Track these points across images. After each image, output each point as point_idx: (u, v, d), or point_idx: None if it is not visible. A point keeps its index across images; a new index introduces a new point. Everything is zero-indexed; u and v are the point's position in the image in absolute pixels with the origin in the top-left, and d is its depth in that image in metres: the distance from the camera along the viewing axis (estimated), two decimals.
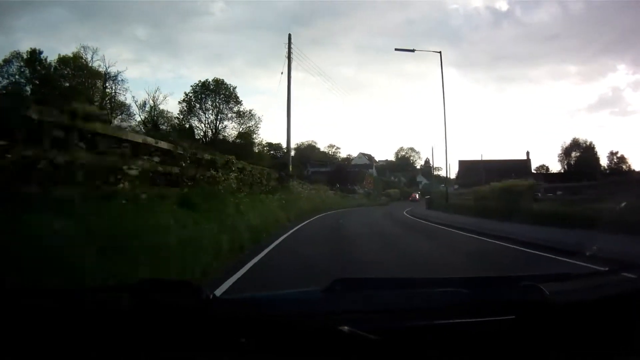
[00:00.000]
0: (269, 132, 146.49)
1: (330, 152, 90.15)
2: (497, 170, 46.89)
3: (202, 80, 50.81)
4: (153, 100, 47.88)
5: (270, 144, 66.14)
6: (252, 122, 50.66)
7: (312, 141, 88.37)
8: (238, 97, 50.67)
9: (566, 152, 67.37)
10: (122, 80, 44.67)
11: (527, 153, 66.46)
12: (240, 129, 50.39)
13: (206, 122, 49.89)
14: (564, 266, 6.36)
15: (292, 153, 33.69)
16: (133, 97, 68.06)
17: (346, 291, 1.45)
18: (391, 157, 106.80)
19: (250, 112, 50.80)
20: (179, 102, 50.31)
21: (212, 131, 49.86)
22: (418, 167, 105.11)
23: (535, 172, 60.70)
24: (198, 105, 50.02)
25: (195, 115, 50.12)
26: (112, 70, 43.66)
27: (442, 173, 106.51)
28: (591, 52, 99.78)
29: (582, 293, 1.48)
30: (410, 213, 26.79)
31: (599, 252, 6.12)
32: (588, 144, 66.43)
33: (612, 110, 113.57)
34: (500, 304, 1.34)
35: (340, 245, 9.89)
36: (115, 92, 44.84)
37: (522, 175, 48.67)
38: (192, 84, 51.81)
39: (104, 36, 73.42)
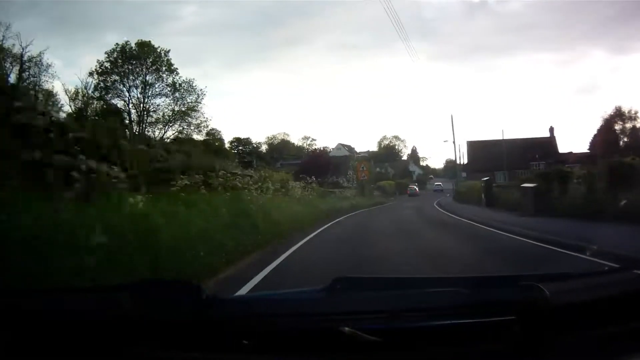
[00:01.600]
0: (241, 128, 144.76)
1: (305, 144, 76.96)
2: (517, 151, 40.41)
3: (121, 43, 36.56)
4: (85, 87, 35.90)
5: (238, 139, 64.14)
6: (193, 97, 38.24)
7: (285, 133, 77.45)
8: (172, 65, 37.37)
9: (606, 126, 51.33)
10: (47, 65, 32.17)
11: (551, 129, 51.57)
12: (176, 107, 37.73)
13: (131, 100, 36.81)
14: None
15: (264, 148, 30.61)
16: (63, 84, 59.07)
17: (346, 290, 1.45)
18: (374, 148, 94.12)
19: (189, 84, 37.88)
20: (89, 73, 35.93)
21: (138, 112, 36.77)
22: (405, 157, 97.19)
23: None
24: (118, 78, 36.32)
25: (115, 93, 36.70)
26: (33, 51, 30.95)
27: (430, 163, 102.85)
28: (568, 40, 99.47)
29: (583, 293, 1.47)
30: (486, 222, 14.17)
31: None
32: (634, 113, 50.37)
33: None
34: (501, 304, 1.34)
35: None
36: (35, 77, 31.88)
37: (550, 157, 43.05)
38: (108, 49, 37.00)
39: (76, 44, 71.47)
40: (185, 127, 38.68)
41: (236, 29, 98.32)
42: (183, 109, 38.08)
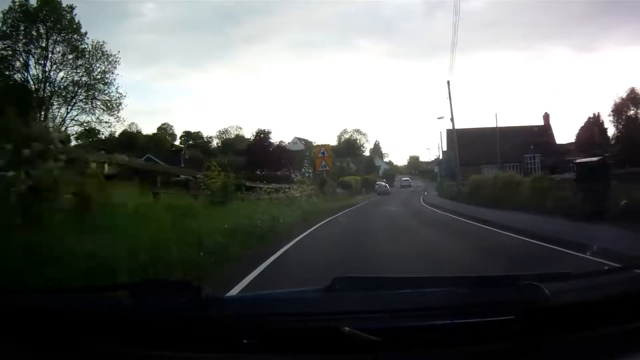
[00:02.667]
0: (199, 125, 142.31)
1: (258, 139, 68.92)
2: (506, 142, 34.60)
3: (17, 1, 28.97)
4: None
5: (188, 133, 63.57)
6: (104, 64, 30.47)
7: (238, 126, 74.85)
8: (79, 26, 29.67)
9: (617, 111, 43.78)
10: None
11: (546, 117, 44.36)
12: (82, 78, 30.13)
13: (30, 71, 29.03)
14: None
15: (214, 142, 26.57)
16: None
17: (347, 290, 1.45)
18: (334, 142, 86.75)
19: (99, 48, 30.05)
20: None
21: (36, 83, 29.09)
22: (367, 152, 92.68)
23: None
24: (8, 43, 28.72)
25: (7, 62, 29.11)
26: None
27: (392, 159, 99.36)
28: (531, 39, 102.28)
29: (583, 292, 1.48)
30: None
31: None
32: None
33: None
34: (500, 303, 1.35)
35: None
36: None
37: (545, 147, 37.79)
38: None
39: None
40: (90, 103, 30.52)
41: (195, 27, 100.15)
42: (88, 81, 29.70)
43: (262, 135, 48.86)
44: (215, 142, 69.81)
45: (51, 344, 1.29)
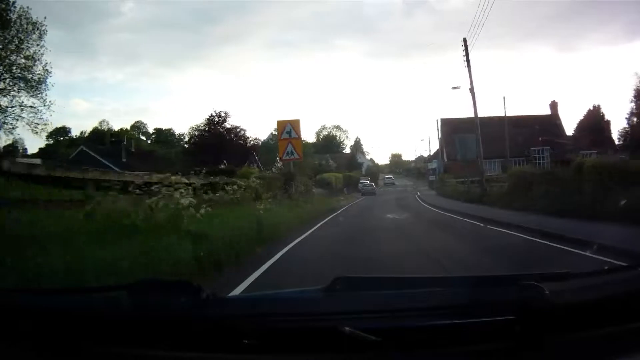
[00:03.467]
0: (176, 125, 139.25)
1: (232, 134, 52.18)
2: (509, 134, 30.34)
3: None
4: None
5: (159, 130, 62.56)
6: (33, 37, 24.47)
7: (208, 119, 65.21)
8: None
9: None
10: None
11: (554, 105, 41.14)
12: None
13: None
14: None
15: (186, 138, 18.90)
16: None
17: (347, 290, 1.45)
18: (312, 139, 78.05)
19: (23, 15, 24.10)
20: None
21: None
22: (348, 149, 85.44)
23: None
24: None
25: None
26: None
27: (374, 157, 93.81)
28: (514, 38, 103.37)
29: (583, 292, 1.48)
30: None
31: None
32: None
33: None
34: (500, 303, 1.34)
35: None
36: None
37: (556, 137, 34.18)
38: None
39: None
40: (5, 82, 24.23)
41: (174, 27, 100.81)
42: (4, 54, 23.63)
43: (218, 118, 38.21)
44: (187, 138, 67.57)
45: (51, 344, 1.29)
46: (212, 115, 38.98)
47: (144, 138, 69.20)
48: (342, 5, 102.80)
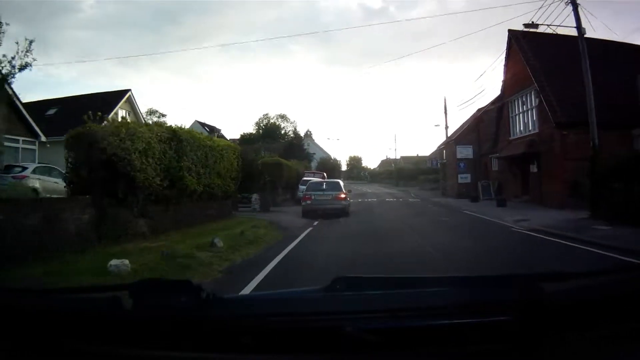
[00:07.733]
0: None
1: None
2: None
3: None
4: None
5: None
6: None
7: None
8: None
9: None
10: None
11: None
12: None
13: None
14: None
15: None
16: None
17: (347, 290, 1.45)
18: (251, 129, 66.79)
19: None
20: None
21: None
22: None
23: None
24: None
25: None
26: None
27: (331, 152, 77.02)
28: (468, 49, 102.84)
29: (582, 292, 1.48)
30: None
31: None
32: None
33: None
34: (500, 303, 1.34)
35: None
36: None
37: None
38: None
39: None
40: None
41: (134, 25, 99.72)
42: None
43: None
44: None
45: (51, 344, 1.29)
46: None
47: None
48: (301, 11, 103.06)
